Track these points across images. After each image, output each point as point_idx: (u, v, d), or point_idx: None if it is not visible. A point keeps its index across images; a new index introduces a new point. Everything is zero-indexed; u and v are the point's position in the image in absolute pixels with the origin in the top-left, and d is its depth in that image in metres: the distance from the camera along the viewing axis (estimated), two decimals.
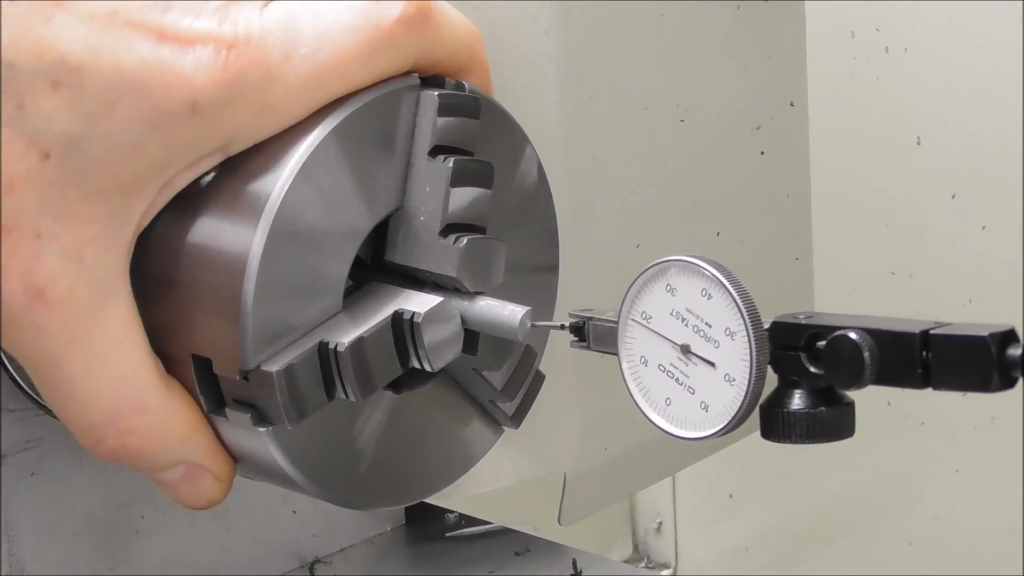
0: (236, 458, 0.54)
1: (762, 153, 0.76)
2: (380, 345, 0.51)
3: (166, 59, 0.47)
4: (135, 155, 0.48)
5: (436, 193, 0.52)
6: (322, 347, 0.50)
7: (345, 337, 0.50)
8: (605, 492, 0.75)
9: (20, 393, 0.52)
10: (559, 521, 0.72)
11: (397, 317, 0.51)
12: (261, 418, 0.50)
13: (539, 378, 0.59)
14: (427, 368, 0.52)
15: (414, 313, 0.51)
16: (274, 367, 0.49)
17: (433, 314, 0.51)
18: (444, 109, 0.52)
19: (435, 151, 0.52)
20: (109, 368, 0.50)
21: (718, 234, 0.74)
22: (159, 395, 0.51)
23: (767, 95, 0.76)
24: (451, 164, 0.52)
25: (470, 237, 0.52)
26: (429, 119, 0.52)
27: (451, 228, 0.52)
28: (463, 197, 0.52)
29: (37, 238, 0.47)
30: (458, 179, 0.52)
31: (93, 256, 0.48)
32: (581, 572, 0.77)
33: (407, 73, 0.53)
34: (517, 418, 0.59)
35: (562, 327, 0.54)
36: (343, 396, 0.50)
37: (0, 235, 0.47)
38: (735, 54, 0.74)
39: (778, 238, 0.79)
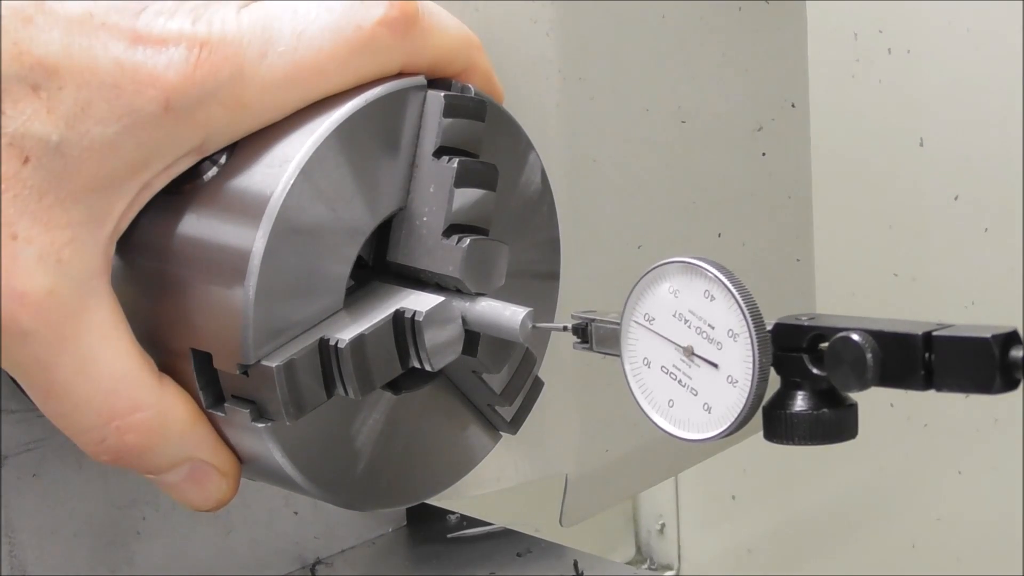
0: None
1: (763, 154, 0.76)
2: (381, 343, 0.51)
3: (139, 59, 0.48)
4: (111, 155, 0.48)
5: (440, 193, 0.52)
6: (323, 343, 0.50)
7: (346, 334, 0.50)
8: (606, 493, 0.75)
9: (21, 394, 0.52)
10: (561, 522, 0.72)
11: (398, 316, 0.51)
12: (260, 414, 0.51)
13: (538, 384, 0.59)
14: (427, 368, 0.52)
15: (415, 312, 0.51)
16: (274, 362, 0.49)
17: (434, 313, 0.52)
18: (450, 110, 0.52)
19: (440, 152, 0.53)
20: (100, 368, 0.50)
21: (719, 235, 0.74)
22: (154, 391, 0.51)
23: (768, 96, 0.76)
24: (456, 165, 0.52)
25: (473, 238, 0.52)
26: (435, 120, 0.53)
27: (454, 229, 0.53)
28: (467, 198, 0.52)
29: (13, 240, 0.47)
30: (462, 180, 0.52)
31: (71, 258, 0.48)
32: (582, 573, 0.77)
33: (405, 74, 0.53)
34: (515, 424, 0.59)
35: (564, 328, 0.54)
36: (343, 393, 0.51)
37: None
38: (736, 56, 0.74)
39: (780, 239, 0.79)
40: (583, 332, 0.53)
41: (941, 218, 1.48)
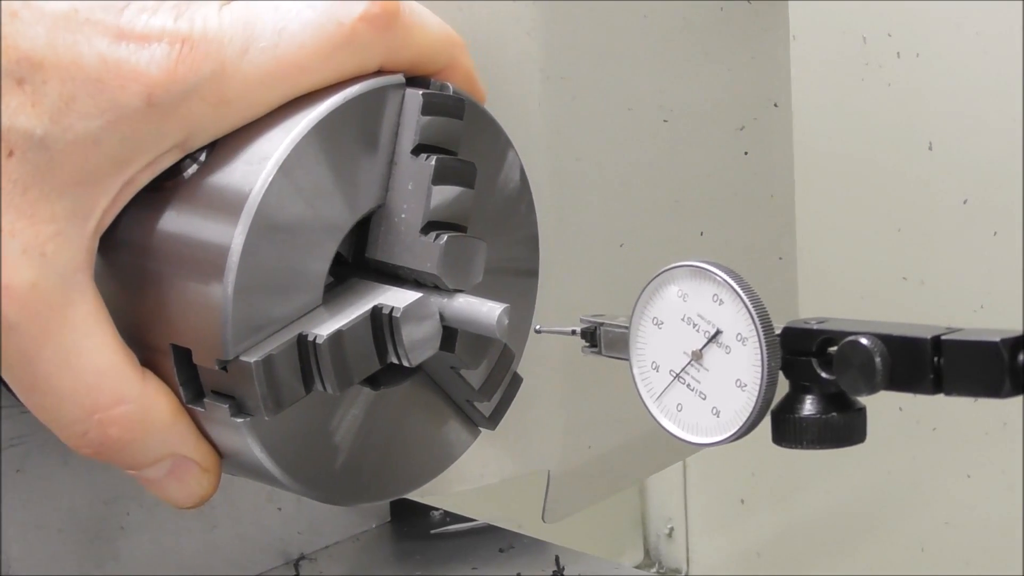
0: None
1: (746, 153, 0.76)
2: (358, 339, 0.51)
3: (122, 55, 0.48)
4: (94, 150, 0.49)
5: (418, 191, 0.53)
6: (301, 339, 0.51)
7: (324, 330, 0.51)
8: (589, 490, 0.75)
9: (6, 390, 0.53)
10: (543, 519, 0.72)
11: (376, 311, 0.52)
12: (239, 409, 0.51)
13: (516, 380, 0.59)
14: (405, 363, 0.52)
15: (393, 308, 0.52)
16: (253, 357, 0.49)
17: (412, 309, 0.52)
18: (428, 108, 0.53)
19: (418, 150, 0.53)
20: (83, 361, 0.50)
21: (702, 234, 0.75)
22: (136, 385, 0.51)
23: (751, 96, 0.76)
24: (434, 162, 0.52)
25: (451, 235, 0.53)
26: (413, 117, 0.53)
27: (432, 226, 0.53)
28: (445, 195, 0.53)
29: None
30: (440, 177, 0.53)
31: (55, 252, 0.49)
32: (563, 569, 0.78)
33: (386, 72, 0.53)
34: (494, 419, 0.59)
35: (573, 332, 0.54)
36: (321, 388, 0.51)
37: None
38: (719, 55, 0.74)
39: (762, 238, 0.79)
40: (592, 336, 0.54)
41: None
